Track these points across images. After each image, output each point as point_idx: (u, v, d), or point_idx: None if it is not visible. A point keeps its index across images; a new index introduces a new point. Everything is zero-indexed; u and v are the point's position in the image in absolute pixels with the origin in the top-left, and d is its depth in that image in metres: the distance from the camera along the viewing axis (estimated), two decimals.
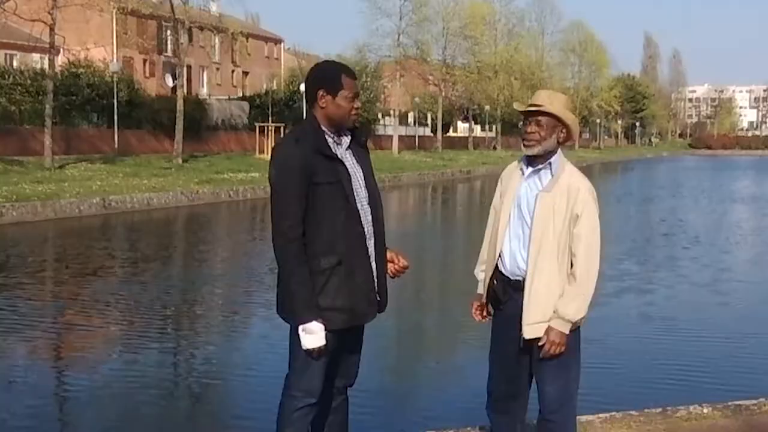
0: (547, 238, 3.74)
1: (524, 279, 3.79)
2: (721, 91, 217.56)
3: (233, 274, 14.01)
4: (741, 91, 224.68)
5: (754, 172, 58.74)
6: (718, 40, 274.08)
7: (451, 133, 74.14)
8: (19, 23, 37.74)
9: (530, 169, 3.87)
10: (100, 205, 23.77)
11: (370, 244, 3.63)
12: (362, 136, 3.76)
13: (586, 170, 65.35)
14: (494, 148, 71.42)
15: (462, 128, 77.24)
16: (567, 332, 3.71)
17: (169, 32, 53.49)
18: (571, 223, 3.73)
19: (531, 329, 3.75)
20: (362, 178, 3.66)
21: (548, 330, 3.71)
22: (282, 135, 42.13)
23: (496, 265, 3.91)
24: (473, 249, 4.21)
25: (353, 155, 3.68)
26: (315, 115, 3.62)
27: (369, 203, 3.66)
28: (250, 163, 37.61)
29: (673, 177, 49.08)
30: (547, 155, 3.82)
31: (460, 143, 69.29)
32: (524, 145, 3.85)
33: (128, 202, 24.81)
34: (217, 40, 58.65)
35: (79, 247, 17.65)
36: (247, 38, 66.21)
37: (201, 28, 52.74)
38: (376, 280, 3.66)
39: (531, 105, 3.84)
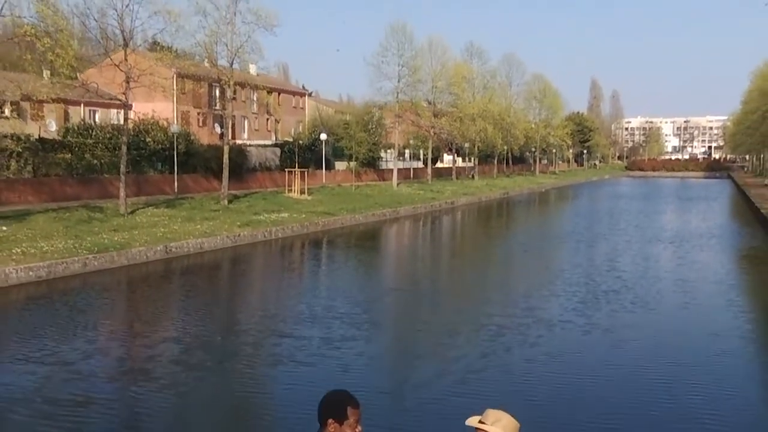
0: None
1: None
2: (651, 122, 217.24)
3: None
4: (666, 122, 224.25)
5: (676, 200, 58.07)
6: (649, 81, 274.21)
7: (439, 165, 73.90)
8: (100, 84, 37.86)
9: None
10: (163, 251, 23.69)
11: None
12: None
13: (544, 195, 64.02)
14: (472, 177, 71.18)
15: (447, 160, 76.99)
16: None
17: (217, 90, 53.38)
18: None
19: None
20: None
21: None
22: (305, 175, 42.23)
23: None
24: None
25: None
26: None
27: None
28: (281, 202, 37.37)
29: (612, 209, 46.89)
30: None
31: (446, 172, 69.16)
32: None
33: (185, 248, 24.72)
34: (254, 96, 58.47)
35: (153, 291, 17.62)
36: (279, 94, 66.36)
37: (242, 86, 52.68)
38: None
39: (481, 422, 3.86)
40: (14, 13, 21.63)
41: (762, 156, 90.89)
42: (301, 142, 50.19)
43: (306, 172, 42.36)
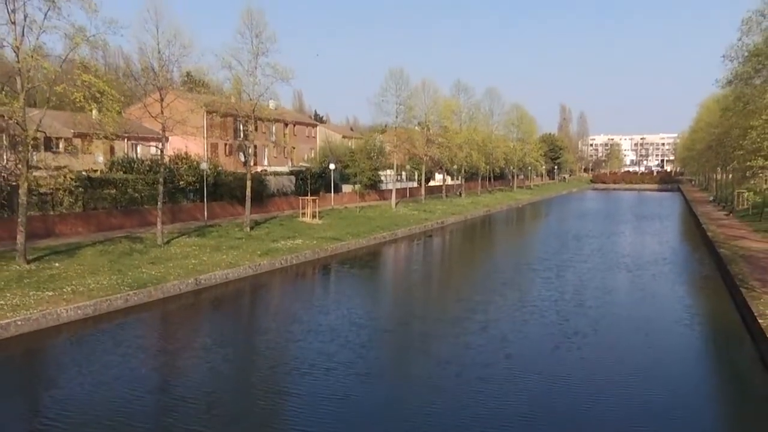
0: None
1: None
2: (612, 139, 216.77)
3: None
4: (625, 139, 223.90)
5: (633, 219, 57.31)
6: (611, 103, 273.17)
7: (431, 183, 73.64)
8: (140, 120, 37.55)
9: None
10: (194, 284, 23.46)
11: None
12: None
13: (520, 212, 63.32)
14: (460, 194, 70.93)
15: (438, 178, 76.75)
16: None
17: (241, 124, 53.17)
18: None
19: None
20: None
21: None
22: (316, 201, 41.96)
23: None
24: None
25: None
26: None
27: None
28: (296, 228, 37.03)
29: (578, 232, 44.69)
30: None
31: (438, 190, 68.87)
32: None
33: (212, 279, 24.47)
34: (273, 128, 58.24)
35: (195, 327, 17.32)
36: (294, 125, 66.09)
37: (263, 120, 52.39)
38: None
39: None
40: (66, 84, 21.38)
41: (707, 174, 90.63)
42: (313, 170, 50.01)
43: (317, 199, 42.19)
